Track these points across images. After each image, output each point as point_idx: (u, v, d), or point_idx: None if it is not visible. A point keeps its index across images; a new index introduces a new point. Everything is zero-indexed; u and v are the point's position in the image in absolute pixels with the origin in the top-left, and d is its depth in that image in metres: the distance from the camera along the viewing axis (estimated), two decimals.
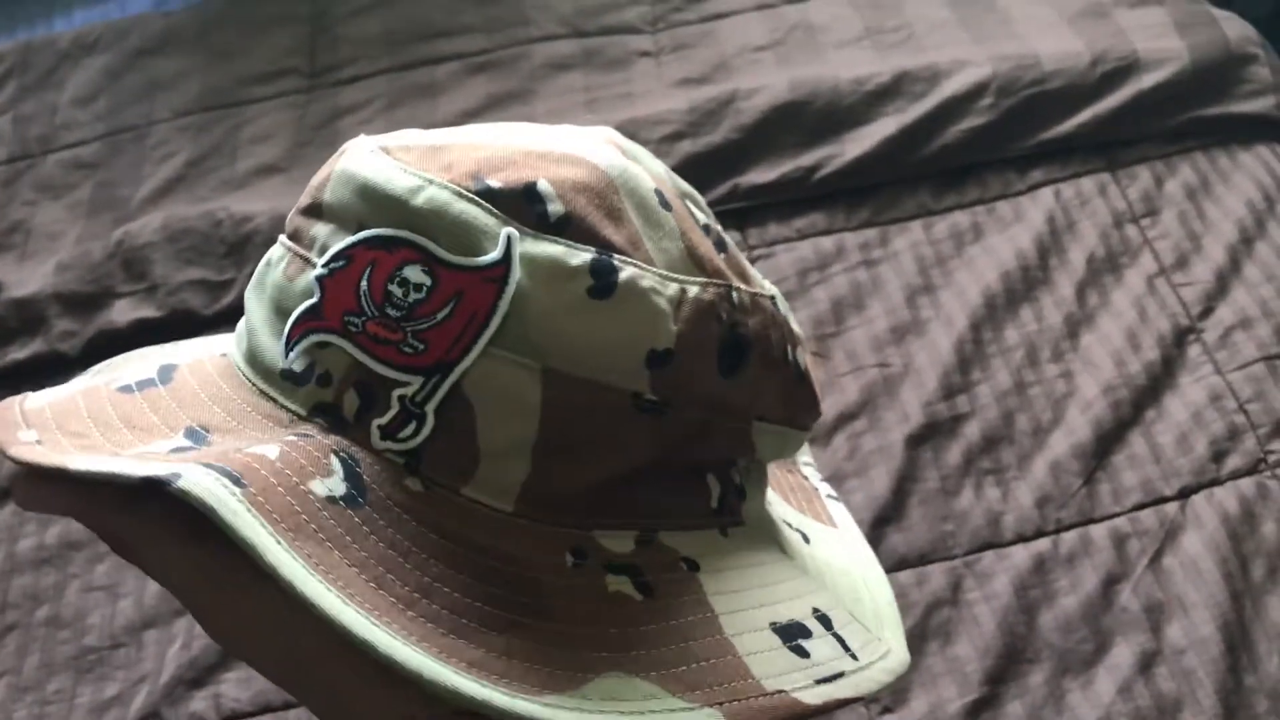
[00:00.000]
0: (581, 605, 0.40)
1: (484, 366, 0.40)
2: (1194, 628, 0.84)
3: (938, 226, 1.13)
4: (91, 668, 0.92)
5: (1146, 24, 1.24)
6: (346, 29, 1.42)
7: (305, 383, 0.42)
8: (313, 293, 0.42)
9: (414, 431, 0.40)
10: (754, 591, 0.44)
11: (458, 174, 0.42)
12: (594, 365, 0.41)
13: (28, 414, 0.42)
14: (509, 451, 0.41)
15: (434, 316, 0.40)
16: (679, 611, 0.41)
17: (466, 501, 0.41)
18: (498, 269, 0.40)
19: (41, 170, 1.32)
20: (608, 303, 0.41)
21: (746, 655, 0.41)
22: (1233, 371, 0.98)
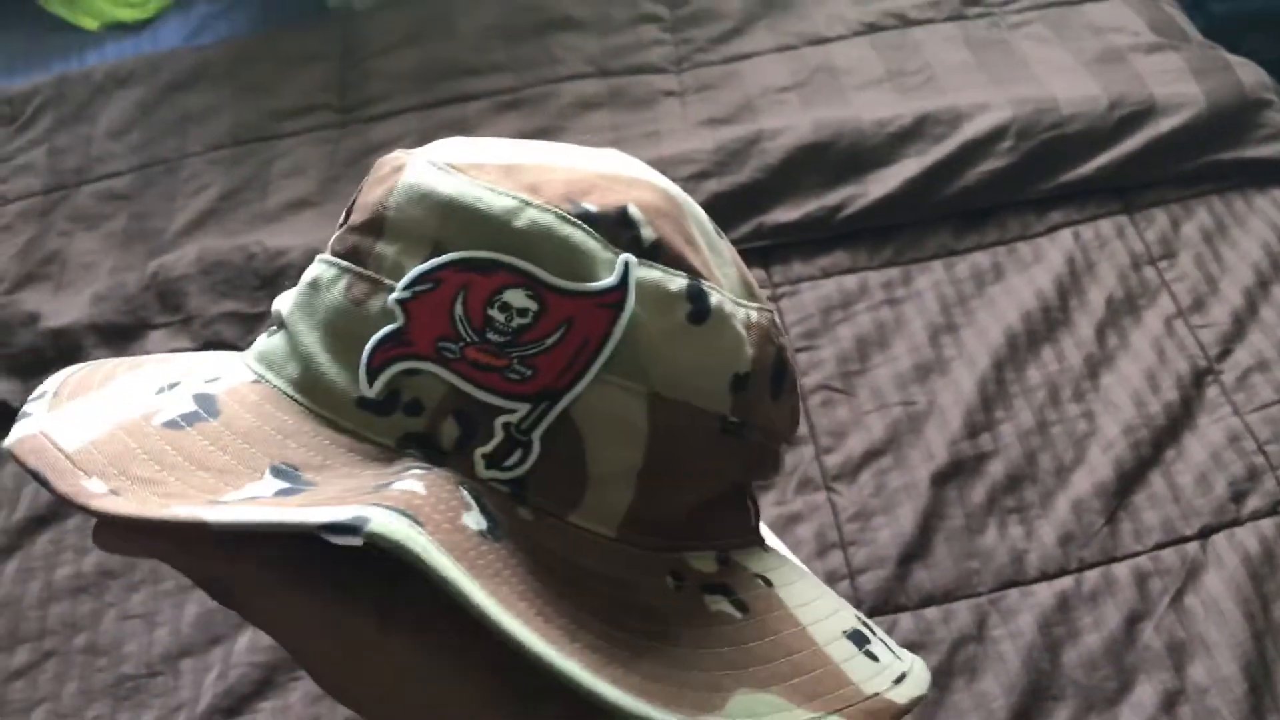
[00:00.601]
0: (696, 627, 0.40)
1: (594, 392, 0.39)
2: (1216, 667, 0.85)
3: (959, 266, 1.15)
4: (129, 695, 0.94)
5: (1163, 69, 1.26)
6: (377, 65, 1.44)
7: (390, 412, 0.40)
8: (395, 317, 0.40)
9: (520, 460, 0.39)
10: (819, 603, 0.45)
11: (551, 196, 0.41)
12: (692, 389, 0.41)
13: (77, 459, 0.38)
14: (616, 478, 0.41)
15: (543, 342, 0.39)
16: (775, 626, 0.42)
17: (573, 528, 0.40)
18: (614, 294, 0.39)
19: (76, 201, 1.35)
20: (703, 328, 0.41)
21: (841, 663, 0.42)
22: (1251, 413, 1.00)
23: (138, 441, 0.39)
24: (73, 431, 0.40)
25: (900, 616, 0.91)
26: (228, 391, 0.42)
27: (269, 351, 0.43)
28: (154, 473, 0.38)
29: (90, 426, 0.40)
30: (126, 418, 0.41)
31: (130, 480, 0.37)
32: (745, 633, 0.41)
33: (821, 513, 0.97)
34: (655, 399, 0.40)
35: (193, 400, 0.42)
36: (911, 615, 0.91)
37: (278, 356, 0.43)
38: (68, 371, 0.47)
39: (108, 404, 0.42)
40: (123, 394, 0.43)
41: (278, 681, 0.92)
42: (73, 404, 0.43)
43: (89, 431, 0.40)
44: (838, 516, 0.97)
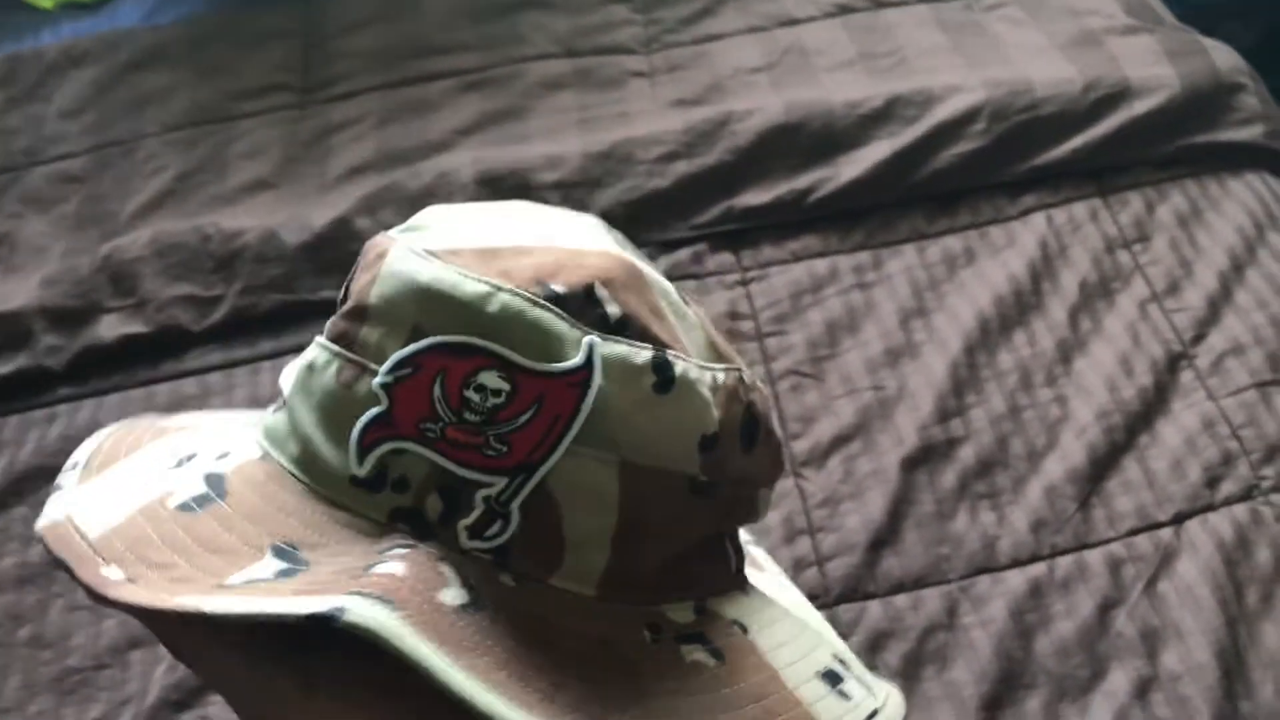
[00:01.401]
0: (671, 679, 0.43)
1: (566, 463, 0.42)
2: (1190, 654, 0.84)
3: (931, 250, 1.13)
4: (75, 689, 0.91)
5: (1138, 52, 1.25)
6: (339, 45, 1.41)
7: (380, 489, 0.42)
8: (380, 400, 0.42)
9: (500, 530, 0.42)
10: (794, 645, 0.48)
11: (521, 280, 0.43)
12: (660, 454, 0.44)
13: (98, 546, 0.41)
14: (592, 541, 0.43)
15: (515, 420, 0.41)
16: (747, 673, 0.44)
17: (555, 590, 0.43)
18: (580, 374, 0.42)
19: (27, 183, 1.31)
20: (669, 396, 0.44)
21: (811, 705, 0.44)
22: (1226, 398, 0.99)
23: (154, 527, 0.42)
24: (96, 516, 0.43)
25: (869, 604, 0.89)
26: (235, 470, 0.45)
27: (274, 428, 0.46)
28: (168, 558, 0.41)
29: (113, 509, 0.44)
30: (145, 500, 0.44)
31: (147, 566, 0.40)
32: (719, 680, 0.44)
33: (789, 499, 0.95)
34: (625, 466, 0.43)
35: (204, 481, 0.45)
36: (881, 602, 0.89)
37: (280, 434, 0.45)
38: (98, 438, 0.50)
39: (130, 481, 0.46)
40: (144, 469, 0.47)
41: None
42: (101, 479, 0.47)
43: (111, 516, 0.43)
44: (806, 502, 0.95)
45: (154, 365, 1.12)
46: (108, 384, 1.11)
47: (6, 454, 1.06)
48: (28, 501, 1.02)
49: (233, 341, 1.12)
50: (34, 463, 1.05)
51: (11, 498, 1.03)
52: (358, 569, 0.40)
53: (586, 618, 0.43)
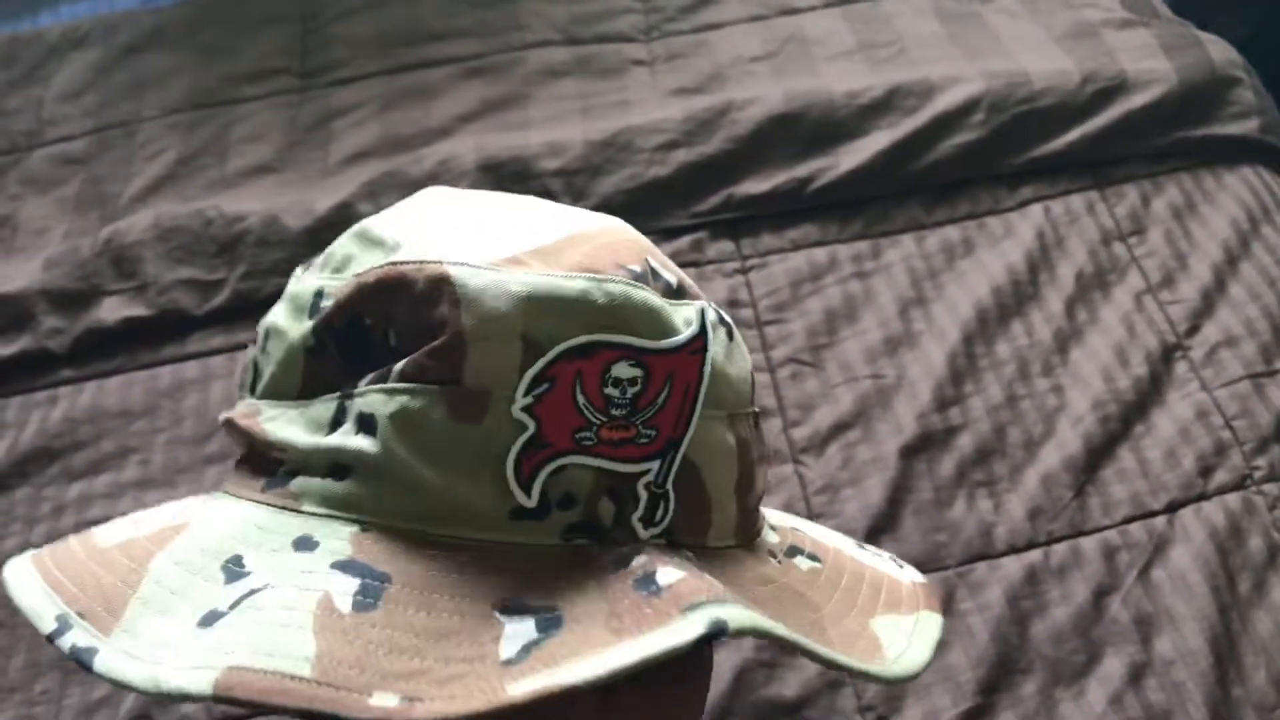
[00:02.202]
0: (812, 588, 0.47)
1: (698, 429, 0.43)
2: (1183, 640, 0.85)
3: (929, 240, 1.14)
4: (79, 669, 0.91)
5: (1134, 45, 1.26)
6: (339, 30, 1.41)
7: (546, 514, 0.41)
8: (525, 425, 0.40)
9: (665, 511, 0.43)
10: (826, 533, 0.55)
11: (606, 267, 0.43)
12: (741, 398, 0.47)
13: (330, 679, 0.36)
14: (726, 495, 0.45)
15: (656, 401, 0.42)
16: (839, 563, 0.50)
17: (714, 551, 0.45)
18: (699, 341, 0.43)
19: (28, 165, 1.31)
20: (735, 343, 0.47)
21: (882, 570, 0.51)
22: (1219, 388, 1.00)
23: (355, 637, 0.37)
24: (264, 651, 0.36)
25: None
26: (358, 550, 0.40)
27: (358, 497, 0.41)
28: (411, 664, 0.36)
29: (272, 640, 0.37)
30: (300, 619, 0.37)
31: (399, 678, 0.36)
32: (832, 577, 0.49)
33: (789, 485, 0.96)
34: (733, 418, 0.46)
35: (343, 572, 0.39)
36: None
37: (376, 500, 0.41)
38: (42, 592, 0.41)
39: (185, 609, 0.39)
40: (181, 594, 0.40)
41: None
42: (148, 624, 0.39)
43: (289, 647, 0.36)
44: (805, 489, 0.96)
45: (155, 348, 1.12)
46: (109, 366, 1.11)
47: (8, 436, 1.06)
48: (31, 482, 1.03)
49: (235, 325, 1.12)
50: (36, 444, 1.05)
51: (14, 479, 1.03)
52: (630, 591, 0.39)
53: (744, 565, 0.45)
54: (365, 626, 0.37)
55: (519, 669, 0.36)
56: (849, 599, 0.47)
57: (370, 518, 0.41)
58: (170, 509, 0.47)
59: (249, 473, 0.45)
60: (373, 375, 0.42)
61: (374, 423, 0.41)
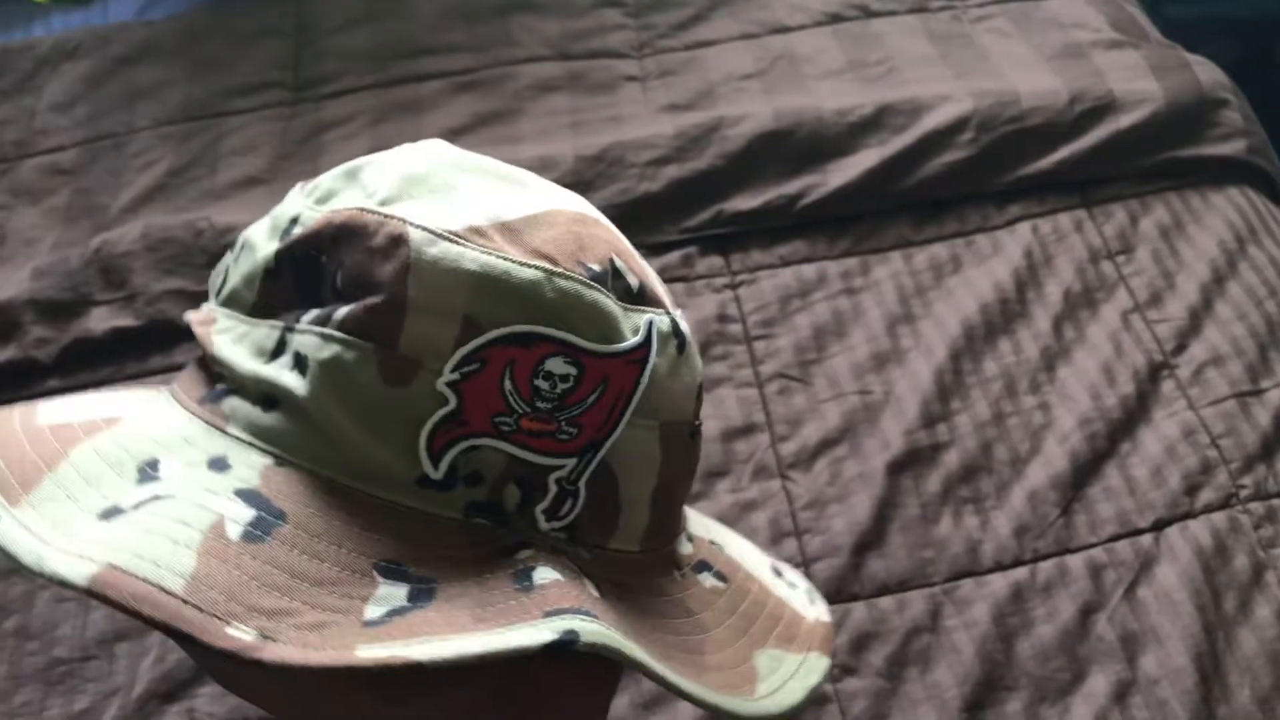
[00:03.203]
0: (708, 608, 0.46)
1: (623, 435, 0.44)
2: (1168, 658, 0.85)
3: (917, 258, 1.15)
4: (61, 680, 0.91)
5: (1123, 65, 1.27)
6: (331, 43, 1.42)
7: (452, 487, 0.42)
8: (446, 399, 0.41)
9: (571, 508, 0.43)
10: (750, 552, 0.53)
11: (564, 260, 0.42)
12: (679, 409, 0.47)
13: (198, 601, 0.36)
14: (640, 502, 0.46)
15: (584, 402, 0.42)
16: (746, 586, 0.49)
17: (613, 554, 0.45)
18: (641, 351, 0.43)
19: (18, 175, 1.31)
20: (684, 355, 0.47)
21: (788, 601, 0.49)
22: (1205, 407, 1.00)
23: (235, 566, 0.38)
24: (146, 561, 0.37)
25: (854, 605, 0.90)
26: (264, 483, 0.41)
27: (279, 431, 0.42)
28: (279, 602, 0.37)
29: (176, 554, 0.37)
30: (191, 534, 0.38)
31: (264, 615, 0.36)
32: (733, 600, 0.48)
33: (776, 500, 0.96)
34: (664, 427, 0.46)
35: (243, 502, 0.40)
36: (865, 604, 0.90)
37: (296, 437, 0.42)
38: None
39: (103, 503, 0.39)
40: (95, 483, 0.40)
41: None
42: (54, 505, 0.39)
43: (173, 560, 0.37)
44: (792, 504, 0.96)
45: (143, 359, 1.12)
46: (97, 377, 1.11)
47: None
48: None
49: None
50: None
51: None
52: (506, 582, 0.40)
53: (641, 572, 0.46)
54: (247, 558, 0.38)
55: (376, 632, 0.37)
56: (741, 625, 0.47)
57: (286, 454, 0.42)
58: (113, 399, 0.47)
59: (196, 378, 0.46)
60: (315, 314, 0.43)
61: (306, 364, 0.42)
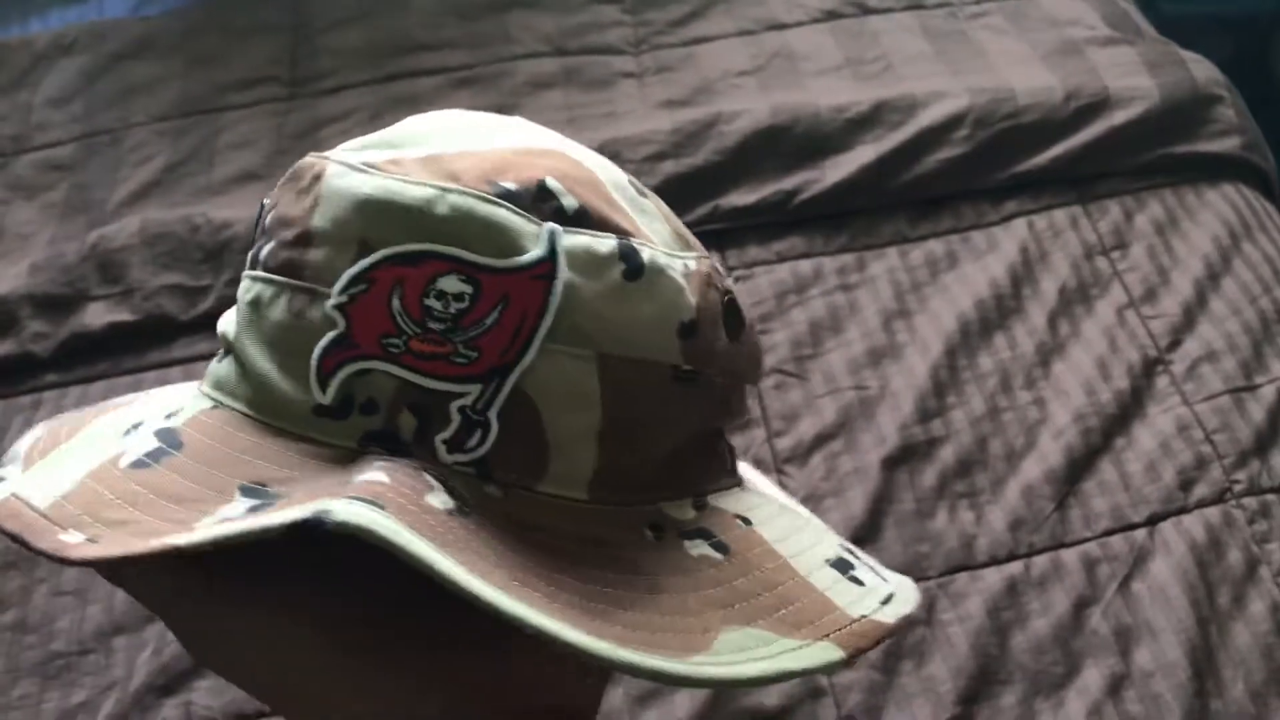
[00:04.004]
0: (680, 573, 0.42)
1: (542, 363, 0.40)
2: (1162, 652, 0.86)
3: (913, 254, 1.15)
4: (58, 674, 0.91)
5: (1118, 62, 1.27)
6: (328, 39, 1.42)
7: (347, 415, 0.41)
8: (336, 323, 0.40)
9: (480, 440, 0.40)
10: (801, 535, 0.47)
11: (469, 180, 0.41)
12: (639, 344, 0.42)
13: (51, 515, 0.39)
14: (577, 442, 0.42)
15: (482, 323, 0.40)
16: (757, 562, 0.44)
17: (545, 497, 0.41)
18: (543, 265, 0.40)
19: (14, 170, 1.31)
20: (640, 283, 0.42)
21: (826, 590, 0.43)
22: (1200, 403, 1.01)
23: (107, 487, 0.40)
24: (45, 489, 0.41)
25: None
26: (188, 422, 0.43)
27: (222, 377, 0.43)
28: (127, 514, 0.38)
29: (60, 481, 0.41)
30: (94, 466, 0.41)
31: (105, 525, 0.38)
32: (728, 572, 0.43)
33: None
34: (604, 360, 0.42)
35: (155, 437, 0.42)
36: None
37: (230, 380, 0.43)
38: (36, 432, 0.47)
39: (76, 455, 0.43)
40: (89, 443, 0.44)
41: None
42: (44, 462, 0.44)
43: (59, 486, 0.40)
44: None
45: (140, 353, 1.12)
46: (94, 371, 1.11)
47: None
48: None
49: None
50: None
51: None
52: (336, 486, 0.38)
53: (580, 521, 0.42)
54: (123, 481, 0.40)
55: (187, 531, 0.37)
56: (724, 598, 0.42)
57: (220, 396, 0.43)
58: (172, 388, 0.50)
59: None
60: (249, 258, 0.44)
61: (239, 308, 0.44)
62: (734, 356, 0.47)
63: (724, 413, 0.48)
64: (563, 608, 0.37)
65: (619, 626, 0.38)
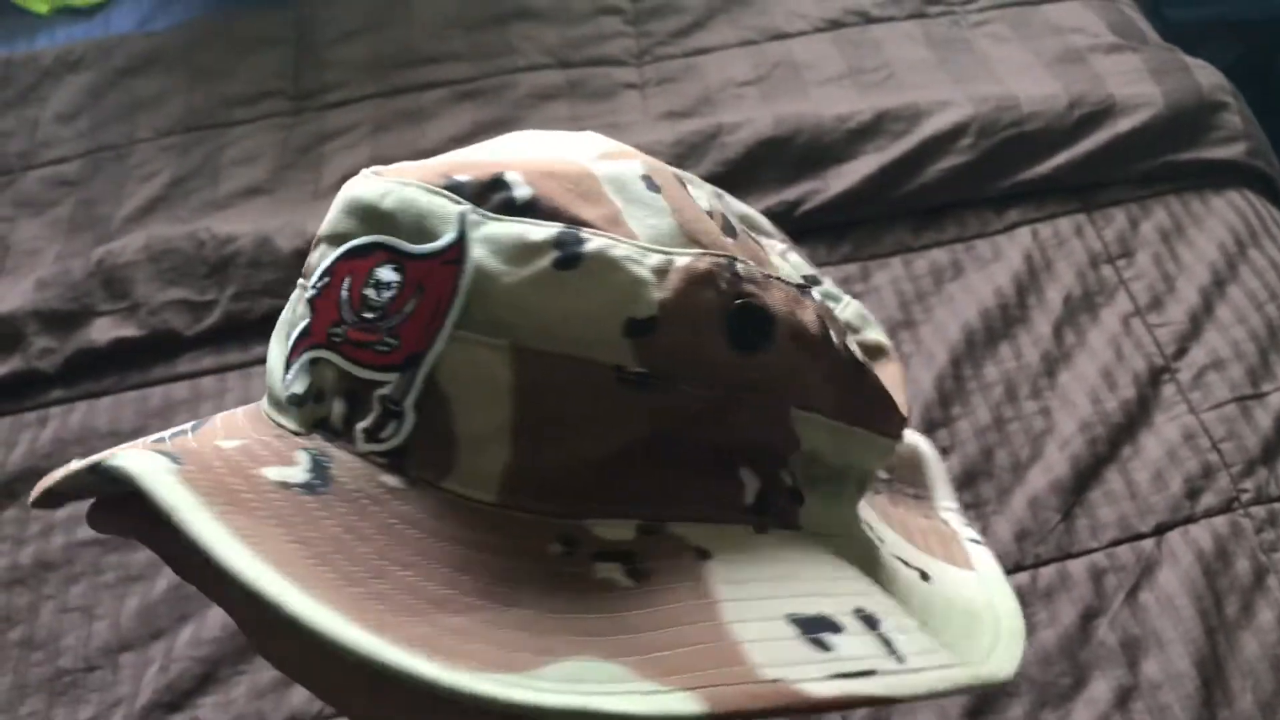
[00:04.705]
0: (561, 593, 0.38)
1: (455, 353, 0.39)
2: (1170, 663, 0.85)
3: (917, 263, 1.15)
4: (66, 690, 0.91)
5: (1122, 69, 1.27)
6: (332, 53, 1.42)
7: (306, 403, 0.41)
8: (306, 317, 0.42)
9: (395, 430, 0.40)
10: (775, 583, 0.41)
11: (428, 175, 0.41)
12: (569, 339, 0.39)
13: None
14: (487, 438, 0.39)
15: (404, 310, 0.39)
16: (670, 597, 0.38)
17: (449, 495, 0.39)
18: (453, 250, 0.39)
19: (21, 186, 1.32)
20: (574, 273, 0.39)
21: (745, 642, 0.37)
22: (1206, 411, 1.00)
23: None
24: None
25: None
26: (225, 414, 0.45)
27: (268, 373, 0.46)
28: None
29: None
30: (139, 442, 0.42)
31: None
32: (625, 602, 0.38)
33: None
34: (520, 351, 0.39)
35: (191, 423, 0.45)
36: None
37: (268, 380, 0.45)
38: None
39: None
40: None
41: (220, 676, 0.90)
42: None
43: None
44: None
45: (146, 369, 1.12)
46: (99, 387, 1.11)
47: None
48: (20, 503, 1.03)
49: (225, 346, 1.13)
50: (26, 464, 1.05)
51: (3, 499, 1.03)
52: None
53: (477, 526, 0.39)
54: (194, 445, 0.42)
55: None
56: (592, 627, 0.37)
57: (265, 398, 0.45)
58: None
59: None
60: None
61: None
62: (746, 367, 0.41)
63: (725, 432, 0.42)
64: (361, 595, 0.34)
65: (427, 627, 0.34)
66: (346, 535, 0.36)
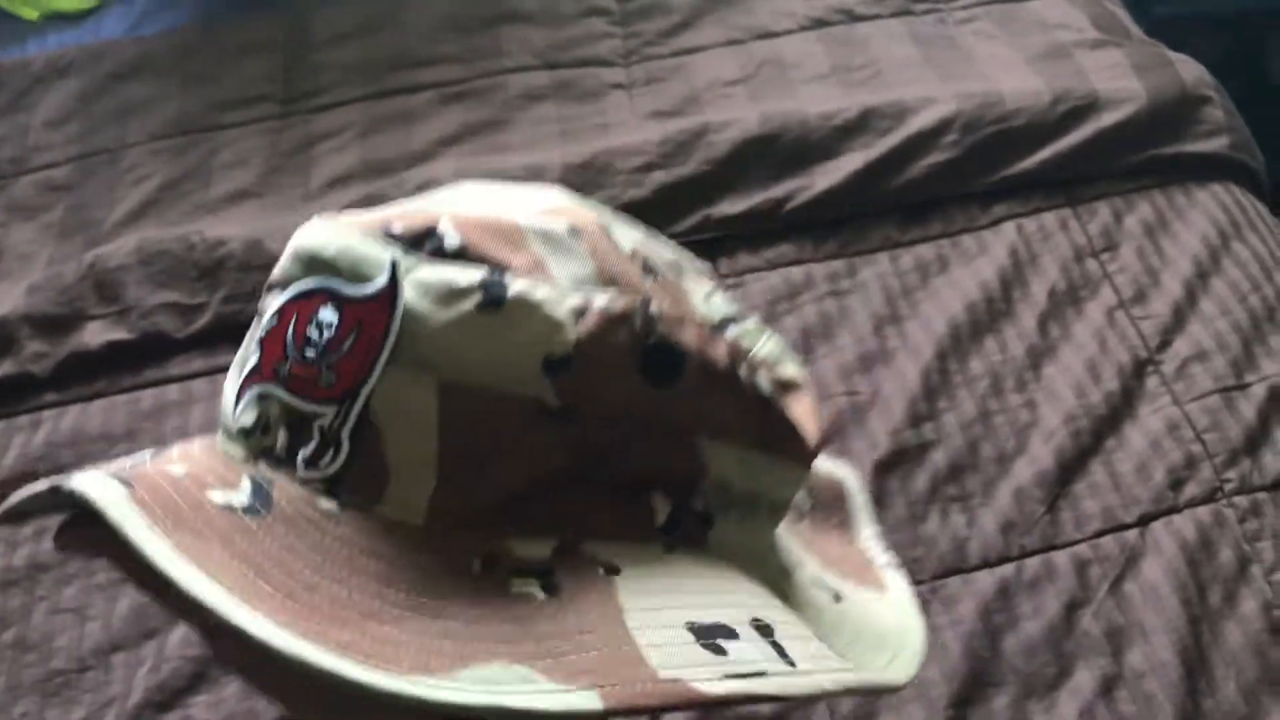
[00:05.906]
0: (480, 605, 0.42)
1: (386, 386, 0.42)
2: (1154, 652, 0.86)
3: (904, 259, 1.15)
4: (58, 691, 0.92)
5: (1106, 65, 1.27)
6: (322, 56, 1.43)
7: (253, 433, 0.44)
8: (256, 354, 0.45)
9: (332, 459, 0.43)
10: (678, 595, 0.44)
11: (369, 224, 0.45)
12: (491, 375, 0.43)
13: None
14: (415, 466, 0.43)
15: (342, 348, 0.43)
16: (581, 608, 0.42)
17: (380, 519, 0.43)
18: (386, 291, 0.43)
19: (13, 191, 1.32)
20: (498, 315, 0.43)
21: (646, 646, 0.41)
22: (1190, 402, 1.01)
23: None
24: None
25: None
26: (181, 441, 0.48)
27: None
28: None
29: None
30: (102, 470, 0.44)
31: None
32: (539, 613, 0.42)
33: None
34: (446, 386, 0.43)
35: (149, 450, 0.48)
36: None
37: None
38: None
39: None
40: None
41: (211, 675, 0.91)
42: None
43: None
44: None
45: (137, 372, 1.13)
46: (91, 390, 1.12)
47: None
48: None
49: (216, 348, 1.13)
50: (18, 468, 1.05)
51: None
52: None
53: (406, 546, 0.43)
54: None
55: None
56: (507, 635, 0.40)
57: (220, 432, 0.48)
58: None
59: None
60: None
61: None
62: (661, 404, 0.45)
63: (635, 461, 0.45)
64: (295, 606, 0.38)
65: (354, 634, 0.38)
66: (284, 553, 0.40)
